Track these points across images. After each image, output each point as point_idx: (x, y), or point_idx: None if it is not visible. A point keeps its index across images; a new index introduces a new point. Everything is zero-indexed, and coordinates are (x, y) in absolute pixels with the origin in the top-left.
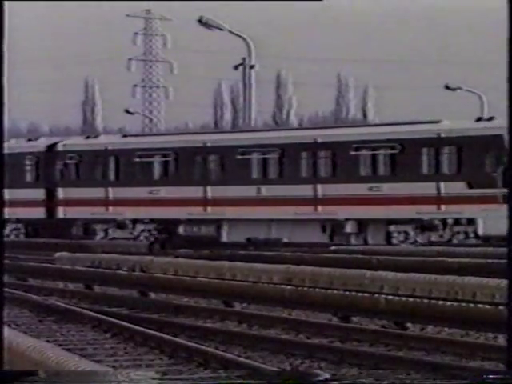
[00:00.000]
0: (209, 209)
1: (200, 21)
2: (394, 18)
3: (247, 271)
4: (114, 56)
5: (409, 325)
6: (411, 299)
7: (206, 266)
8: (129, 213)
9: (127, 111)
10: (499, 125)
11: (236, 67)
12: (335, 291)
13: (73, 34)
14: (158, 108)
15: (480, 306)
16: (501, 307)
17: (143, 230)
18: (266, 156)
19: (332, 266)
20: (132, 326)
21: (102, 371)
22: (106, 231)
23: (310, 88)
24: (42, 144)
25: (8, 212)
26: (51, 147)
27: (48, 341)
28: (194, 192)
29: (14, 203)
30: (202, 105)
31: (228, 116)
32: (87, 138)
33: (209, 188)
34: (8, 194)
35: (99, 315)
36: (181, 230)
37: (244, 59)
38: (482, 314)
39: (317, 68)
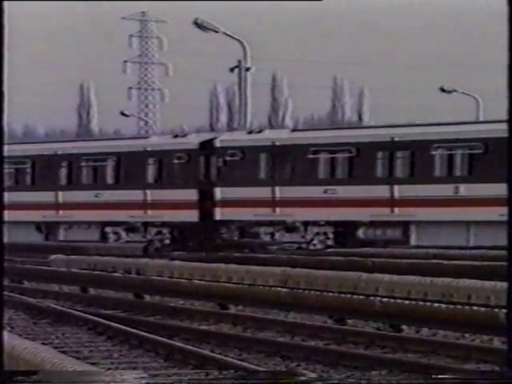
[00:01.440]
0: (396, 210)
1: (195, 23)
2: (389, 21)
3: (243, 273)
4: (109, 58)
5: (404, 327)
6: (407, 301)
7: (201, 268)
8: (300, 214)
9: (123, 113)
10: None
11: (232, 69)
12: (331, 293)
13: (68, 37)
14: (153, 110)
15: (475, 308)
16: (496, 309)
17: (317, 234)
18: (469, 152)
19: (327, 268)
20: (127, 328)
21: (102, 371)
22: (271, 234)
23: (306, 90)
24: (193, 140)
25: (152, 215)
26: (205, 144)
27: (43, 343)
28: (379, 191)
29: (159, 205)
30: (197, 107)
31: (224, 118)
32: (250, 132)
33: (396, 187)
34: (150, 195)
35: (94, 318)
36: (360, 233)
37: (239, 61)
38: (477, 317)
39: (312, 70)
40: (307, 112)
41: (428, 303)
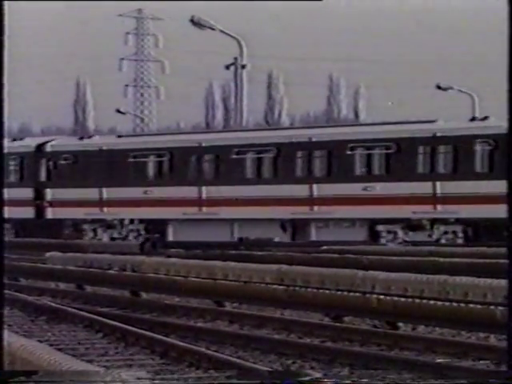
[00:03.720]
0: None
1: (192, 20)
2: (385, 18)
3: (239, 271)
4: (105, 56)
5: (400, 324)
6: (403, 299)
7: (197, 265)
8: None
9: (119, 111)
10: None
11: (227, 67)
12: (327, 291)
13: (64, 34)
14: (149, 108)
15: (471, 305)
16: (492, 307)
17: None
18: None
19: (324, 265)
20: (123, 325)
21: (103, 371)
22: None
23: (302, 88)
24: (502, 124)
25: (443, 210)
26: None
27: (40, 341)
28: None
29: (454, 199)
30: (193, 104)
31: (219, 116)
32: None
33: None
34: (440, 187)
35: (91, 315)
36: None
37: (235, 59)
38: (474, 314)
39: (308, 68)
40: (303, 110)
41: (424, 300)
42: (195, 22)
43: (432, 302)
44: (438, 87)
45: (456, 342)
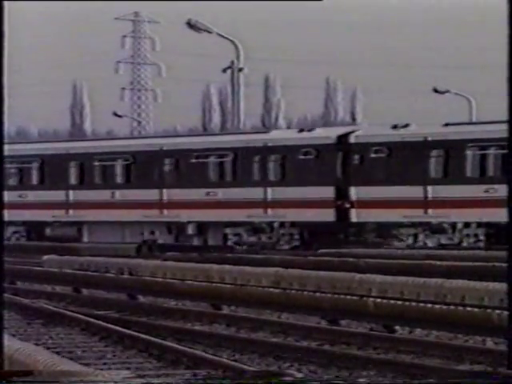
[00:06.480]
0: None
1: (188, 23)
2: (382, 22)
3: (236, 274)
4: (102, 59)
5: (397, 328)
6: (400, 302)
7: (194, 268)
8: None
9: (116, 114)
10: None
11: (224, 70)
12: (324, 294)
13: (61, 37)
14: (146, 110)
15: (468, 308)
16: (489, 310)
17: None
18: None
19: (320, 269)
20: (120, 328)
21: (96, 371)
22: None
23: (299, 91)
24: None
25: None
26: None
27: (36, 344)
28: None
29: None
30: (190, 107)
31: (216, 119)
32: None
33: None
34: None
35: (87, 318)
36: None
37: (232, 62)
38: (471, 317)
39: (305, 71)
40: (300, 113)
41: (421, 304)
42: (192, 25)
43: (429, 305)
44: (435, 90)
45: (453, 346)
